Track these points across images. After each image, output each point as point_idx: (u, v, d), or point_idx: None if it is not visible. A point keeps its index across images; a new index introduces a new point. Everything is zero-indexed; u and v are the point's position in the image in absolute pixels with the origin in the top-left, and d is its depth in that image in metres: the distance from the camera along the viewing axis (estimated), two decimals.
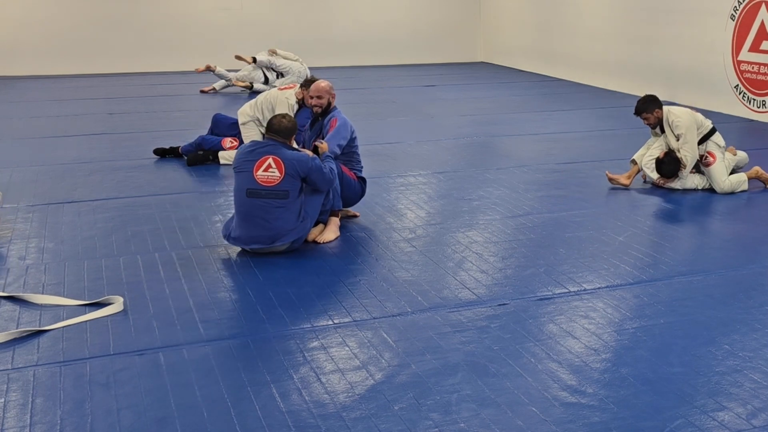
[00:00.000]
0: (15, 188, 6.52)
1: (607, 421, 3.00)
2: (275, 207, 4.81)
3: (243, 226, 4.85)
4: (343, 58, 15.41)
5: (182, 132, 8.63)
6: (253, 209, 4.81)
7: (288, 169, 4.83)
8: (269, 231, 4.80)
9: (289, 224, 4.85)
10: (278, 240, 4.83)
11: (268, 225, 4.80)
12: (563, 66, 13.92)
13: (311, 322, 3.91)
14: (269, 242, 4.82)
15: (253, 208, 4.82)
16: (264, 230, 4.80)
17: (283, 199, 4.82)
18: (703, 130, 6.36)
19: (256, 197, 4.80)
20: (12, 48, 14.44)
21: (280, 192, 4.81)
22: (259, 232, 4.80)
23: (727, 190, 6.30)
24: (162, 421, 3.02)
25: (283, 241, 4.85)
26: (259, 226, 4.80)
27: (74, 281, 4.48)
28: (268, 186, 4.81)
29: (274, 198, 4.80)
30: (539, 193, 6.33)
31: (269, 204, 4.80)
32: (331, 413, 3.07)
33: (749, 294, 4.26)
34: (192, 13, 15.31)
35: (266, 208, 4.80)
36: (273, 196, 4.80)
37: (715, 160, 6.32)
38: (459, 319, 3.95)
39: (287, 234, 4.84)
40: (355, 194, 5.61)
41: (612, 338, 3.74)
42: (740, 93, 9.84)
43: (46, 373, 3.41)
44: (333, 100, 5.67)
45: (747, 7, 9.63)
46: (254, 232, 4.81)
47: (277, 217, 4.81)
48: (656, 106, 6.37)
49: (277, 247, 4.87)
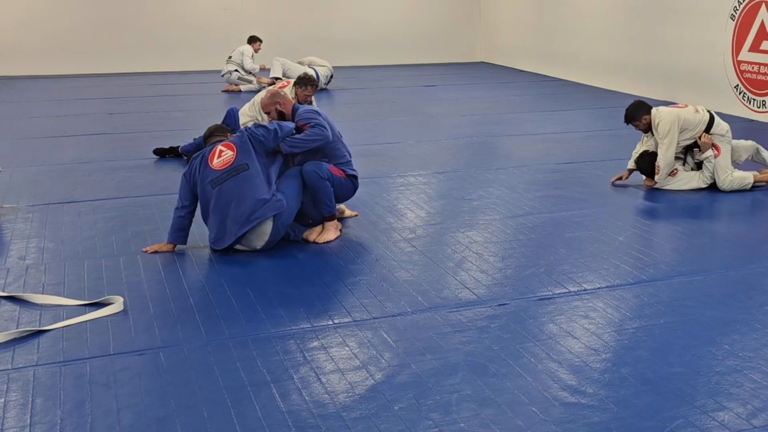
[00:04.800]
0: (15, 188, 6.52)
1: (607, 421, 3.00)
2: (242, 181, 4.85)
3: (220, 219, 4.84)
4: (343, 58, 15.41)
5: (182, 132, 8.63)
6: (223, 194, 4.83)
7: (237, 143, 4.99)
8: (244, 206, 4.79)
9: (261, 192, 4.84)
10: (256, 213, 4.78)
11: (242, 200, 4.80)
12: (563, 66, 13.92)
13: (311, 322, 3.91)
14: (249, 219, 4.77)
15: (222, 193, 4.83)
16: (240, 208, 4.79)
17: (245, 171, 4.89)
18: (700, 126, 6.26)
19: (222, 182, 4.86)
20: (12, 48, 14.45)
21: (239, 167, 4.90)
22: (236, 215, 4.78)
23: (727, 187, 6.26)
24: (162, 421, 3.02)
25: (262, 214, 4.79)
26: (234, 210, 4.79)
27: (74, 281, 4.48)
28: (227, 167, 4.89)
29: (236, 174, 4.87)
30: (539, 193, 6.33)
31: (235, 180, 4.85)
32: (331, 413, 3.07)
33: (749, 294, 4.26)
34: (192, 13, 15.31)
35: (233, 185, 4.84)
36: (234, 173, 4.88)
37: (719, 153, 6.28)
38: (459, 319, 3.95)
39: (264, 206, 4.81)
40: (347, 192, 5.48)
41: (612, 338, 3.74)
42: (740, 93, 9.84)
43: (46, 373, 3.41)
44: (284, 107, 5.39)
45: (747, 7, 9.63)
46: (232, 217, 4.79)
47: (246, 188, 4.83)
48: (644, 112, 6.32)
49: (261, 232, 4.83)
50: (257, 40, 13.11)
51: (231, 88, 12.54)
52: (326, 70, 12.49)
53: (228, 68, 12.59)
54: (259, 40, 13.14)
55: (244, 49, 12.72)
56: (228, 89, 12.52)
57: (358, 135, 8.60)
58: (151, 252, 4.95)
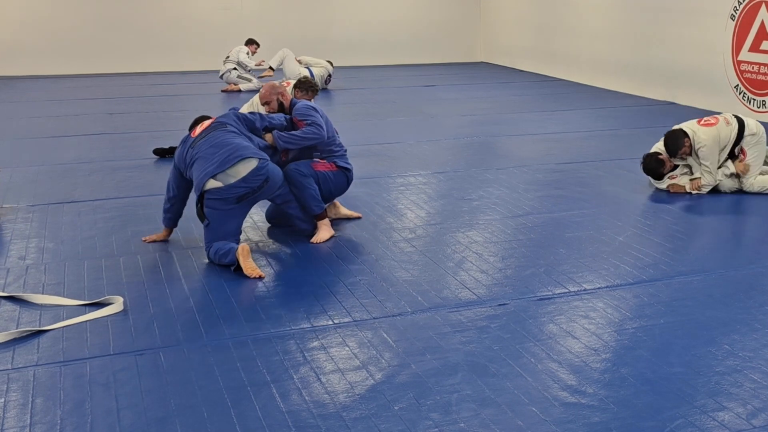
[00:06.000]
0: (15, 188, 6.52)
1: (607, 421, 3.00)
2: (221, 134, 4.87)
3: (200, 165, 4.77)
4: (343, 58, 15.41)
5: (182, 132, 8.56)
6: (202, 146, 4.82)
7: (218, 117, 5.09)
8: (227, 147, 4.77)
9: (242, 143, 4.84)
10: (239, 152, 4.74)
11: (224, 144, 4.79)
12: (563, 66, 13.92)
13: (311, 322, 3.92)
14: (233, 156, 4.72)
15: (201, 145, 4.83)
16: (222, 149, 4.76)
17: (224, 128, 4.94)
18: (732, 136, 6.23)
19: (201, 138, 4.89)
20: (12, 48, 14.45)
21: (218, 125, 4.96)
22: (219, 153, 4.74)
23: (751, 189, 6.24)
24: (162, 421, 3.02)
25: (242, 154, 4.74)
26: (217, 150, 4.76)
27: (74, 281, 4.48)
28: (204, 129, 4.96)
29: (215, 129, 4.92)
30: (539, 193, 6.33)
31: (214, 135, 4.87)
32: (331, 413, 3.07)
33: (749, 294, 4.26)
34: (192, 13, 15.31)
35: (211, 138, 4.84)
36: (213, 129, 4.93)
37: (745, 156, 6.27)
38: (459, 319, 3.95)
39: (246, 148, 4.81)
40: (340, 185, 5.42)
41: (612, 338, 3.74)
42: (740, 93, 9.84)
43: (46, 373, 3.41)
44: (284, 99, 5.50)
45: (747, 7, 9.63)
46: (216, 156, 4.73)
47: (226, 138, 4.83)
48: (683, 137, 6.22)
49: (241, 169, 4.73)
50: (254, 43, 13.19)
51: (230, 88, 12.54)
52: (322, 70, 12.48)
53: (226, 67, 12.61)
54: (256, 43, 13.21)
55: (240, 49, 12.78)
56: (227, 89, 12.52)
57: (358, 135, 8.60)
58: (150, 241, 5.11)
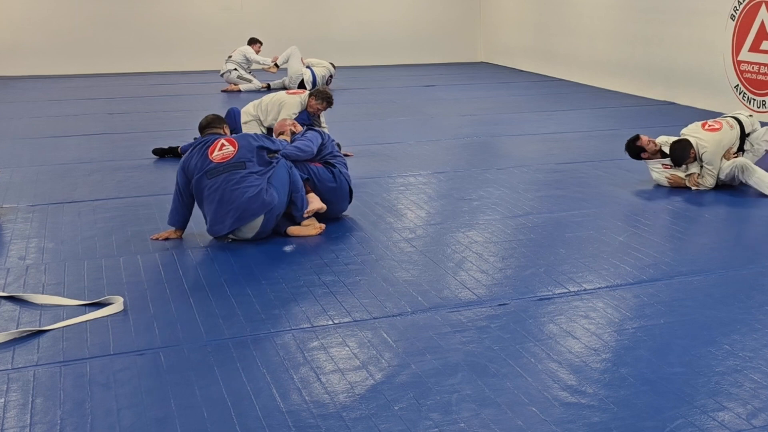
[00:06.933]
0: (15, 188, 6.52)
1: (607, 421, 3.00)
2: (238, 177, 4.94)
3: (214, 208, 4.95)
4: (343, 58, 15.39)
5: (182, 132, 8.62)
6: (217, 187, 4.93)
7: (240, 141, 5.11)
8: (238, 202, 4.90)
9: (253, 189, 4.93)
10: (248, 211, 4.91)
11: (235, 195, 4.91)
12: (563, 66, 13.92)
13: (311, 322, 3.92)
14: (241, 216, 4.90)
15: (217, 186, 4.93)
16: (232, 203, 4.91)
17: (241, 169, 4.98)
18: (735, 140, 6.31)
19: (217, 175, 4.95)
20: (12, 48, 14.44)
21: (237, 163, 5.00)
22: (229, 208, 4.91)
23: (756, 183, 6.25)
24: (162, 421, 3.02)
25: (253, 213, 4.93)
26: (227, 203, 4.91)
27: (74, 281, 4.48)
28: (225, 161, 4.99)
29: (233, 170, 4.97)
30: (539, 193, 6.33)
31: (231, 176, 4.94)
32: (331, 413, 3.07)
33: (749, 294, 4.26)
34: (192, 13, 15.31)
35: (227, 179, 4.94)
36: (231, 168, 4.97)
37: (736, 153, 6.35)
38: (459, 319, 3.95)
39: (256, 205, 4.93)
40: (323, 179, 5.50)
41: (612, 338, 3.74)
42: (740, 93, 9.84)
43: (46, 373, 3.41)
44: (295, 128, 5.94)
45: (747, 7, 9.63)
46: (226, 209, 4.91)
47: (239, 184, 4.92)
48: (688, 147, 6.27)
49: (252, 226, 4.98)
50: (257, 41, 13.14)
51: (230, 88, 12.54)
52: (324, 70, 12.48)
53: (227, 67, 12.60)
54: (259, 42, 13.17)
55: (245, 49, 12.75)
56: (227, 89, 12.51)
57: (358, 135, 8.60)
58: (162, 239, 5.15)
